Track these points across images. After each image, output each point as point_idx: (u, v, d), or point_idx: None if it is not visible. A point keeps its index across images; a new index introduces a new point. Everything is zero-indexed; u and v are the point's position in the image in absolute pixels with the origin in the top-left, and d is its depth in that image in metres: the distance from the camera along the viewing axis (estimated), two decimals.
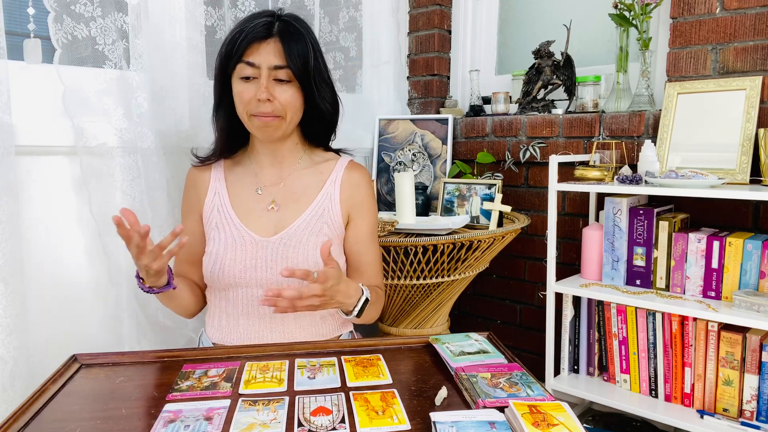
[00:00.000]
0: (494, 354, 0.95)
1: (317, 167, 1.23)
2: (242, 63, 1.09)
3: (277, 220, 1.18)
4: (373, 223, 1.25)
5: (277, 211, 1.18)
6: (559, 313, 1.68)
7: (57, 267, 1.31)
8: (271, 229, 1.17)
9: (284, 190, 1.20)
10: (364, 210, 1.23)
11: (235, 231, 1.16)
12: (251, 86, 1.10)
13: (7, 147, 1.16)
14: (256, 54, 1.09)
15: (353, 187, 1.22)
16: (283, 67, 1.09)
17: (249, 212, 1.18)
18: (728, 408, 1.39)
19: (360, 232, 1.23)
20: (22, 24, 1.27)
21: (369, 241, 1.24)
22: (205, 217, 1.20)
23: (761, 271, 1.37)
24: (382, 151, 2.08)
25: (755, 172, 1.45)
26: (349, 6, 2.00)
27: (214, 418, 0.76)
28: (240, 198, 1.20)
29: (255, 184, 1.21)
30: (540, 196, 1.94)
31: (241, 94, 1.11)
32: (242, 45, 1.08)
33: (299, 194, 1.20)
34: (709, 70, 1.58)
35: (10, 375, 1.17)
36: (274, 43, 1.09)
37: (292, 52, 1.09)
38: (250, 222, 1.17)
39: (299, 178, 1.22)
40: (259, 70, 1.09)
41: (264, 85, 1.09)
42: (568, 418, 0.71)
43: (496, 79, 2.21)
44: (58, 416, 0.78)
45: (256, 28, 1.09)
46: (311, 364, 0.94)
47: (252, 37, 1.08)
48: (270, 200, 1.19)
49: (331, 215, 1.19)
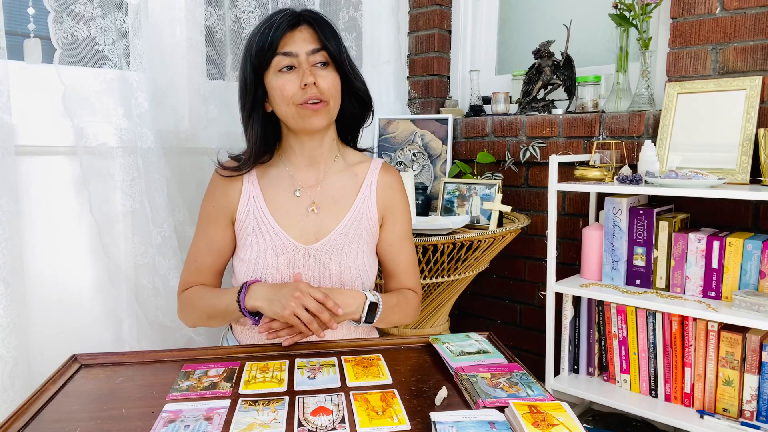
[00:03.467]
0: (494, 354, 0.95)
1: (352, 169, 1.21)
2: (279, 55, 1.07)
3: (317, 226, 1.15)
4: (407, 225, 1.24)
5: (317, 214, 1.15)
6: (559, 313, 1.68)
7: (57, 267, 1.31)
8: (311, 235, 1.14)
9: (322, 193, 1.17)
10: (397, 212, 1.22)
11: (276, 238, 1.12)
12: (292, 76, 1.07)
13: (7, 147, 1.16)
14: (292, 43, 1.07)
15: (388, 189, 1.21)
16: (320, 49, 1.08)
17: (288, 217, 1.14)
18: (728, 408, 1.39)
19: (393, 235, 1.21)
20: (22, 24, 1.27)
21: (402, 244, 1.22)
22: (239, 222, 1.15)
23: (761, 271, 1.37)
24: (382, 151, 2.08)
25: (755, 172, 1.45)
26: (349, 6, 2.00)
27: (214, 418, 0.76)
28: (277, 202, 1.15)
29: (292, 186, 1.17)
30: (540, 196, 1.94)
31: (284, 87, 1.07)
32: (276, 37, 1.06)
33: (337, 197, 1.17)
34: (709, 70, 1.58)
35: (10, 375, 1.17)
36: (306, 30, 1.09)
37: (326, 35, 1.08)
38: (289, 227, 1.13)
39: (336, 181, 1.19)
40: (297, 58, 1.07)
41: (307, 69, 1.07)
42: (568, 418, 0.71)
43: (496, 79, 2.21)
44: (58, 416, 0.78)
45: (285, 19, 1.07)
46: (311, 364, 0.94)
47: (285, 27, 1.07)
48: (309, 202, 1.16)
49: (369, 219, 1.18)
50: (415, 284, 1.24)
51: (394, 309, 1.15)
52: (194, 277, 1.17)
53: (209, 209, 1.17)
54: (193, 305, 1.14)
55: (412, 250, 1.25)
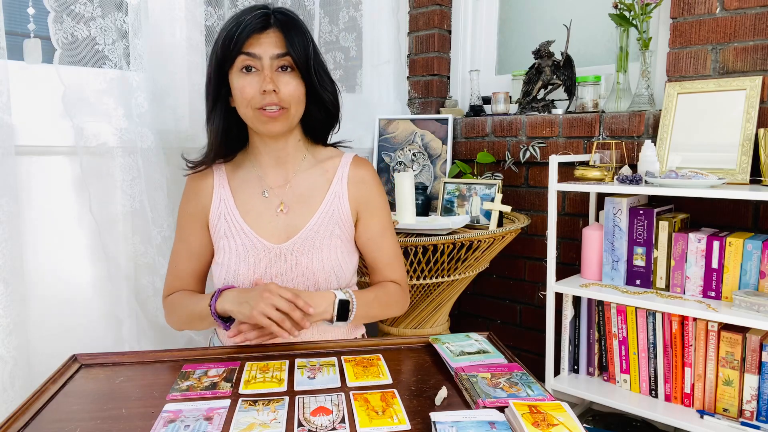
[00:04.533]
0: (494, 354, 0.95)
1: (322, 165, 1.20)
2: (243, 55, 1.06)
3: (287, 225, 1.14)
4: (385, 218, 1.22)
5: (287, 214, 1.15)
6: (559, 313, 1.68)
7: (57, 267, 1.31)
8: (282, 235, 1.13)
9: (291, 192, 1.17)
10: (373, 206, 1.20)
11: (246, 239, 1.12)
12: (253, 79, 1.07)
13: (7, 147, 1.16)
14: (257, 45, 1.06)
15: (360, 184, 1.19)
16: (284, 55, 1.07)
17: (258, 218, 1.14)
18: (728, 408, 1.39)
19: (371, 229, 1.20)
20: (22, 24, 1.27)
21: (381, 237, 1.21)
22: (212, 225, 1.15)
23: (761, 271, 1.37)
24: (382, 151, 2.08)
25: (755, 172, 1.45)
26: (349, 6, 2.00)
27: (214, 418, 0.76)
28: (247, 203, 1.15)
29: (260, 187, 1.17)
30: (540, 196, 1.94)
31: (243, 89, 1.07)
32: (241, 37, 1.06)
33: (307, 195, 1.17)
34: (709, 70, 1.58)
35: (10, 375, 1.17)
36: (273, 33, 1.07)
37: (292, 40, 1.07)
38: (260, 228, 1.13)
39: (305, 179, 1.18)
40: (260, 61, 1.06)
41: (268, 75, 1.06)
42: (568, 418, 0.71)
43: (496, 79, 2.21)
44: (58, 416, 0.78)
45: (254, 20, 1.06)
46: (311, 364, 0.94)
47: (251, 28, 1.06)
48: (278, 202, 1.16)
49: (341, 214, 1.17)
50: (400, 277, 1.23)
51: (372, 304, 1.14)
52: (176, 283, 1.18)
53: (184, 215, 1.18)
54: (175, 311, 1.15)
55: (393, 242, 1.23)
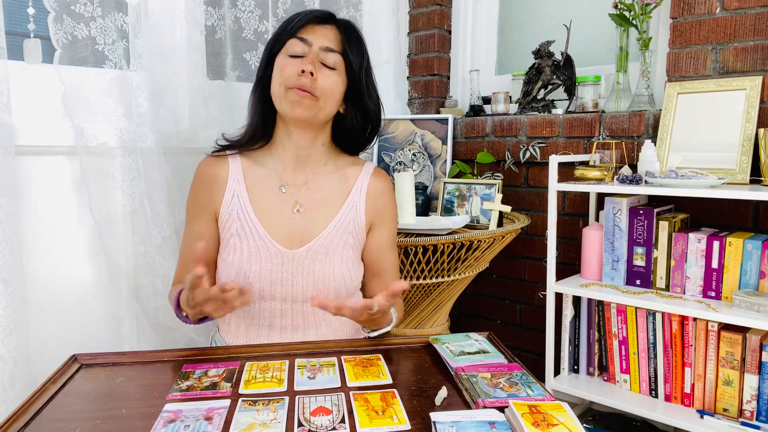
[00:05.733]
0: (494, 354, 0.95)
1: (342, 172, 1.19)
2: (294, 39, 1.07)
3: (302, 229, 1.12)
4: (394, 230, 1.24)
5: (302, 215, 1.13)
6: (559, 313, 1.68)
7: (57, 267, 1.31)
8: (296, 239, 1.11)
9: (308, 193, 1.15)
10: (386, 219, 1.21)
11: (260, 240, 1.10)
12: (296, 62, 1.07)
13: (7, 147, 1.16)
14: (311, 32, 1.07)
15: (378, 196, 1.19)
16: (334, 51, 1.07)
17: (272, 218, 1.12)
18: (728, 408, 1.39)
19: (381, 240, 1.20)
20: (22, 24, 1.27)
21: (389, 249, 1.22)
22: (222, 221, 1.13)
23: (761, 271, 1.37)
24: (382, 151, 2.08)
25: (755, 172, 1.45)
26: (349, 6, 2.00)
27: (214, 418, 0.76)
28: (262, 201, 1.13)
29: (278, 182, 1.15)
30: (540, 196, 1.94)
31: (284, 68, 1.06)
32: (298, 23, 1.07)
33: (324, 199, 1.15)
34: (709, 70, 1.58)
35: (10, 375, 1.17)
36: (331, 29, 1.09)
37: (351, 43, 1.09)
38: (274, 230, 1.11)
39: (324, 183, 1.17)
40: (309, 48, 1.07)
41: (313, 61, 1.06)
42: (568, 418, 0.71)
43: (496, 79, 2.21)
44: (58, 416, 0.78)
45: (317, 12, 1.08)
46: (311, 364, 0.94)
47: (311, 17, 1.07)
48: (294, 202, 1.14)
49: (356, 225, 1.16)
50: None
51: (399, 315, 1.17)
52: (184, 273, 1.16)
53: (192, 206, 1.16)
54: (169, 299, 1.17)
55: (396, 252, 1.25)
